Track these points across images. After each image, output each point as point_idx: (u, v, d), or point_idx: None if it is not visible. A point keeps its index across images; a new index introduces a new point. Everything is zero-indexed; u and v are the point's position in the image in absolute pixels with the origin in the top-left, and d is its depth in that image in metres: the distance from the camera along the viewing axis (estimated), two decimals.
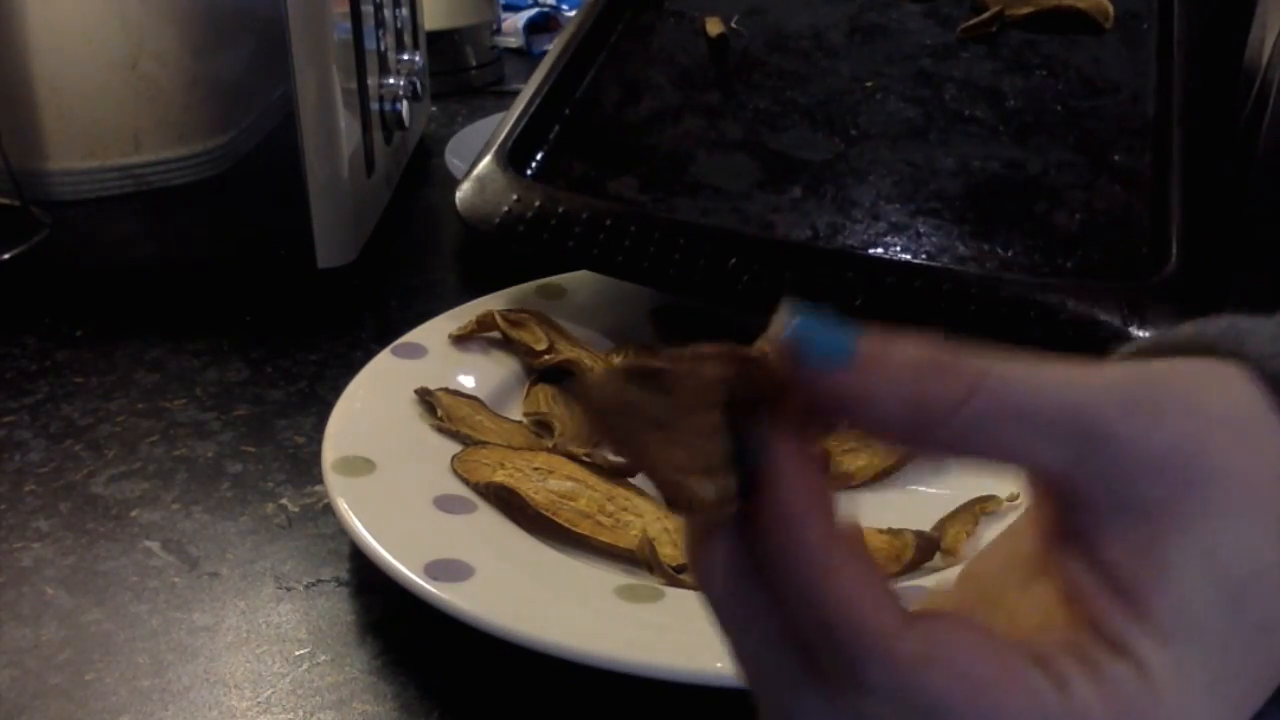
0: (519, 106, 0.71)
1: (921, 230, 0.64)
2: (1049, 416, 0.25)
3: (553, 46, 0.76)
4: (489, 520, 0.50)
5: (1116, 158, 0.68)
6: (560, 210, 0.63)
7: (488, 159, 0.68)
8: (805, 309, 0.25)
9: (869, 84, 0.73)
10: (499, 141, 0.68)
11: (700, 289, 0.61)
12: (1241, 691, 0.26)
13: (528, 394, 0.60)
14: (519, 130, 0.69)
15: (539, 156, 0.70)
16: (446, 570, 0.45)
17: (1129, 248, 0.63)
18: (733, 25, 0.77)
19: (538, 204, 0.64)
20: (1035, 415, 0.25)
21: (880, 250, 0.63)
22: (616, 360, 0.61)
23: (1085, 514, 0.26)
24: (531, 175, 0.68)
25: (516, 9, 1.28)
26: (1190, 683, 0.25)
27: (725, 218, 0.65)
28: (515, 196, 0.64)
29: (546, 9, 1.29)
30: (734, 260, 0.60)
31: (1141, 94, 0.72)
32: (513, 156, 0.68)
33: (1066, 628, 0.26)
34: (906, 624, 0.25)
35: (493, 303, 0.64)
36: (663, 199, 0.67)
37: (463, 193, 0.66)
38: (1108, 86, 0.72)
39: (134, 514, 0.54)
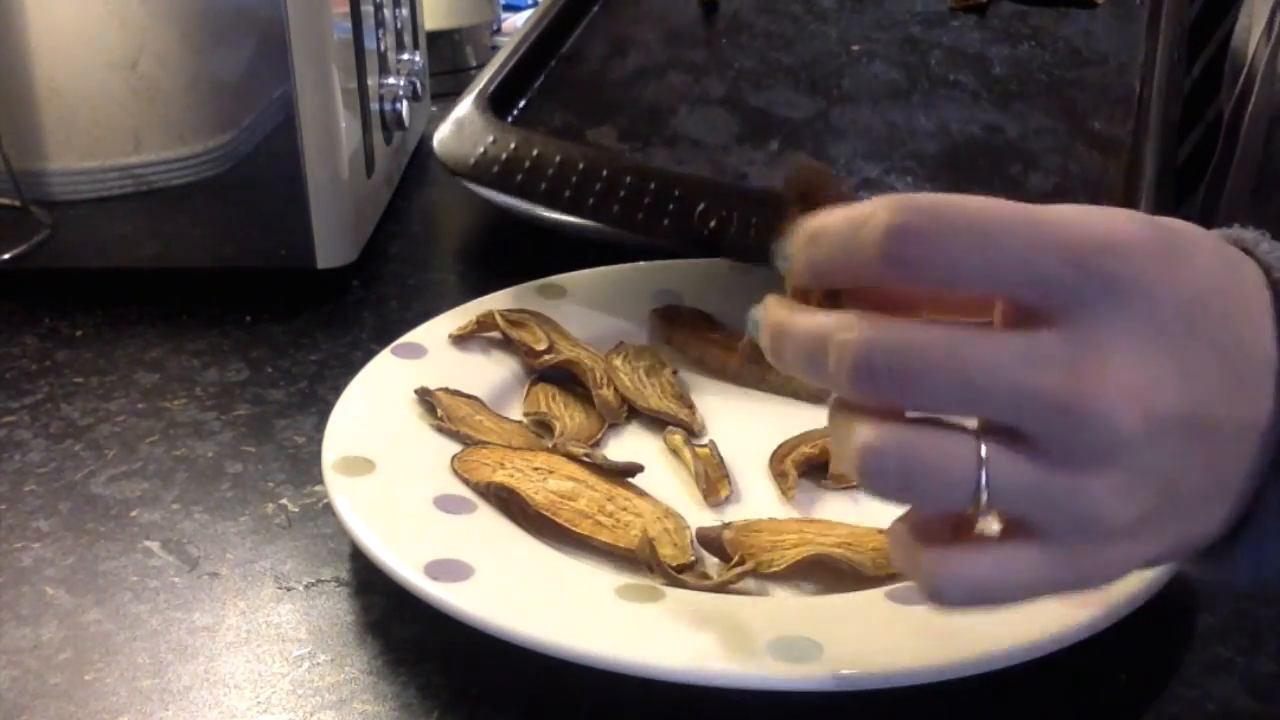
0: (503, 54, 0.72)
1: (895, 187, 0.65)
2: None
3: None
4: (489, 520, 0.50)
5: (1097, 125, 0.69)
6: (535, 153, 0.65)
7: (468, 102, 0.69)
8: None
9: (855, 47, 0.74)
10: (480, 86, 0.70)
11: (668, 233, 0.62)
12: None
13: (528, 394, 0.60)
14: (501, 76, 0.70)
15: (520, 104, 0.71)
16: (446, 570, 0.45)
17: None
18: None
19: (513, 146, 0.65)
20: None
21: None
22: (617, 360, 0.61)
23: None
24: (511, 121, 0.69)
25: (516, 9, 1.28)
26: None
27: (700, 168, 0.66)
28: (492, 139, 0.66)
29: None
30: (702, 206, 0.62)
31: (1128, 66, 0.72)
32: (493, 101, 0.69)
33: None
34: None
35: (493, 303, 0.64)
36: (640, 149, 0.68)
37: (441, 133, 0.68)
38: (1095, 58, 0.73)
39: (134, 514, 0.54)
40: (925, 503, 0.35)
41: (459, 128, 0.68)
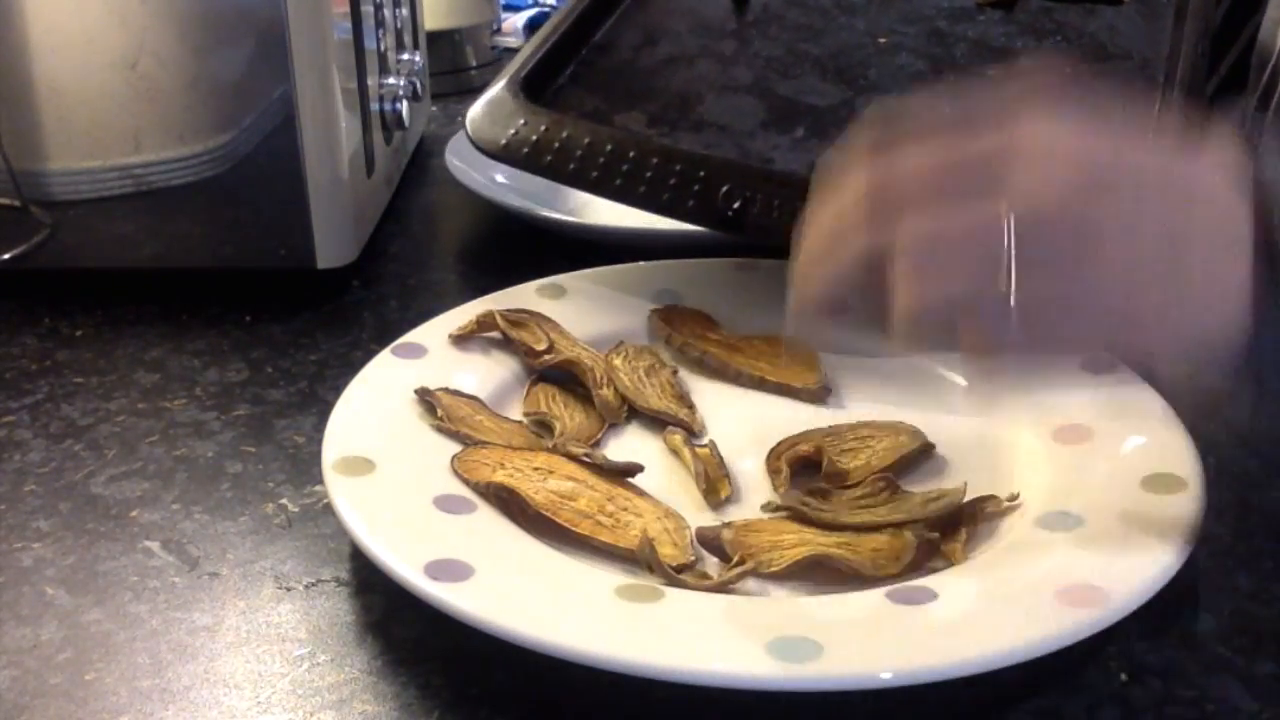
0: (536, 41, 0.74)
1: None
2: None
3: None
4: (489, 520, 0.50)
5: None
6: (565, 135, 0.66)
7: (500, 85, 0.70)
8: None
9: (882, 39, 0.76)
10: (513, 71, 0.71)
11: (692, 214, 0.64)
12: None
13: (528, 394, 0.60)
14: (534, 62, 0.72)
15: (552, 89, 0.73)
16: (446, 570, 0.45)
17: None
18: None
19: (544, 128, 0.67)
20: None
21: None
22: (617, 360, 0.61)
23: None
24: (542, 104, 0.70)
25: (516, 9, 1.28)
26: None
27: (726, 152, 0.68)
28: (523, 121, 0.68)
29: (546, 9, 1.29)
30: (726, 187, 0.63)
31: (1151, 61, 0.73)
32: (525, 86, 0.70)
33: None
34: None
35: (493, 303, 0.64)
36: (667, 134, 0.69)
37: (473, 114, 0.70)
38: (1119, 53, 0.75)
39: (134, 514, 0.54)
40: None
41: (491, 110, 0.69)
